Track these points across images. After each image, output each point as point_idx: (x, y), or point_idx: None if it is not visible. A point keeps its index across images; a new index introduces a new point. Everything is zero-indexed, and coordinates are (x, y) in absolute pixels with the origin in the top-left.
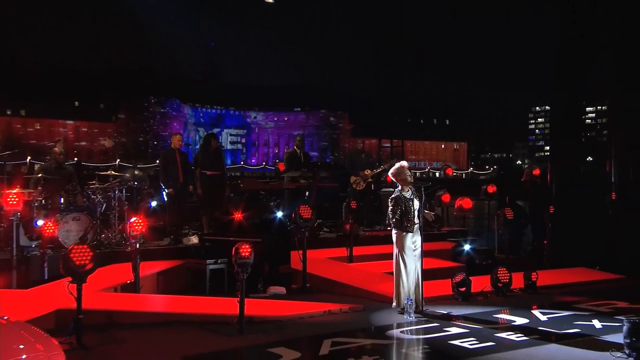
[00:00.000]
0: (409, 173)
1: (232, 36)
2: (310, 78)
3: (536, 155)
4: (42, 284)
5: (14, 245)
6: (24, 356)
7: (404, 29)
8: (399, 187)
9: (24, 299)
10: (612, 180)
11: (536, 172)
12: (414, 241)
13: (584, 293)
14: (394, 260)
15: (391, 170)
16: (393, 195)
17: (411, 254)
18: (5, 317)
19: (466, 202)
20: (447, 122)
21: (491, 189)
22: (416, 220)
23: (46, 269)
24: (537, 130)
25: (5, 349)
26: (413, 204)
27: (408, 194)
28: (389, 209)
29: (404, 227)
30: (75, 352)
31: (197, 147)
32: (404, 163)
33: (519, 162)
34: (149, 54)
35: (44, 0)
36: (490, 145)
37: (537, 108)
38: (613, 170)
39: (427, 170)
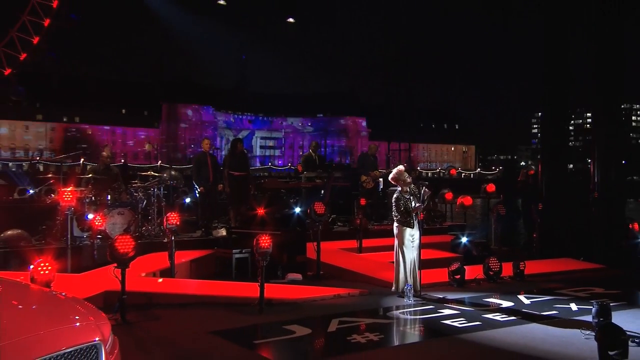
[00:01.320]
0: (407, 175)
1: (260, 50)
2: (331, 87)
3: (538, 157)
4: (92, 269)
5: (69, 236)
6: (77, 324)
7: (419, 43)
8: (399, 188)
9: (77, 281)
10: (595, 180)
11: (531, 172)
12: (412, 235)
13: (566, 281)
14: (395, 251)
15: (391, 175)
16: (395, 195)
17: (409, 246)
18: (64, 293)
19: (467, 200)
20: (457, 127)
21: (490, 188)
22: (414, 217)
23: (95, 256)
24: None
25: (64, 318)
26: (411, 202)
27: (407, 193)
28: (393, 208)
29: (406, 222)
30: (120, 327)
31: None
32: (401, 167)
33: (522, 163)
34: (187, 67)
35: (97, 26)
36: (496, 147)
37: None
38: (595, 171)
39: (438, 170)
